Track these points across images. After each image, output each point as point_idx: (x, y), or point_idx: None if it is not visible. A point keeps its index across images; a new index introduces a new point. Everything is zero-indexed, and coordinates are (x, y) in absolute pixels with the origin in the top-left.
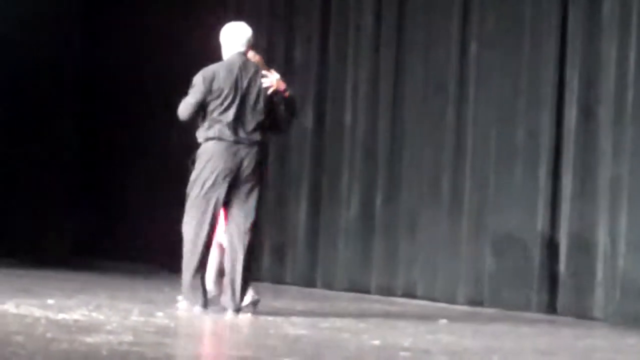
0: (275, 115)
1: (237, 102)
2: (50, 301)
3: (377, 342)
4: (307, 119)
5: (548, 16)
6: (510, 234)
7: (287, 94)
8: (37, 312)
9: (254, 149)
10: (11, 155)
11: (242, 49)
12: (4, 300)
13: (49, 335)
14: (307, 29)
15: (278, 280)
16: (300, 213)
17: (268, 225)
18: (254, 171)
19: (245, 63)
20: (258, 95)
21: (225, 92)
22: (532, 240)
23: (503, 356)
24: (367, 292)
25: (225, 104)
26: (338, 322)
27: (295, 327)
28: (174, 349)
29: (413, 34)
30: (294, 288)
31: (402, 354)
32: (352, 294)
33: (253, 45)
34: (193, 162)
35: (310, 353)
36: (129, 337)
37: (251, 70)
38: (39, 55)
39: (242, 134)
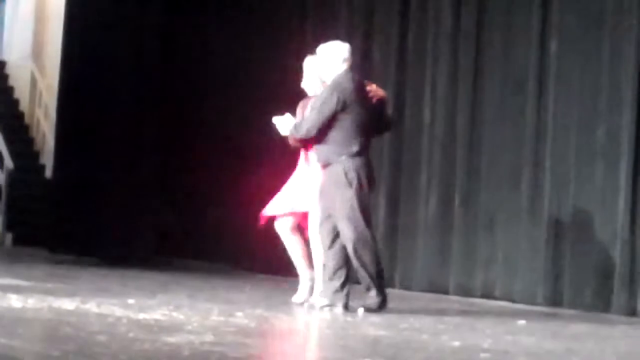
0: None
1: None
2: (130, 301)
3: (456, 343)
4: None
5: (629, 13)
6: (590, 234)
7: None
8: (119, 312)
9: None
10: (93, 155)
11: (348, 65)
12: (86, 299)
13: (131, 335)
14: (386, 29)
15: (356, 280)
16: (379, 212)
17: None
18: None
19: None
20: None
21: None
22: (612, 241)
23: (584, 358)
24: (446, 292)
25: None
26: (417, 322)
27: (375, 327)
28: (255, 349)
29: (492, 32)
30: None
31: (482, 355)
32: (430, 295)
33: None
34: None
35: (389, 354)
36: (210, 337)
37: None
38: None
39: None
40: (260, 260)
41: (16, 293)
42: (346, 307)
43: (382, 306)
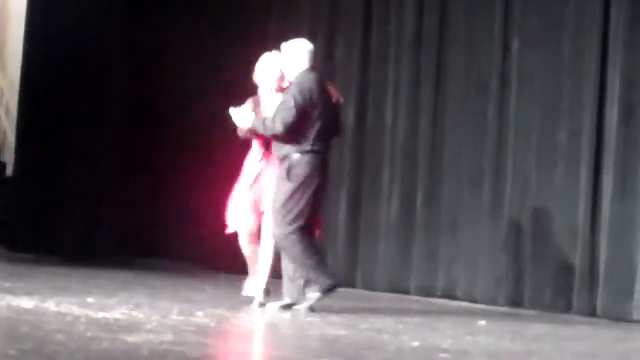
0: None
1: None
2: (90, 300)
3: (416, 344)
4: None
5: (590, 15)
6: (551, 235)
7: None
8: (78, 311)
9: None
10: (55, 154)
11: (311, 64)
12: (45, 298)
13: (89, 334)
14: (349, 31)
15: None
16: (341, 213)
17: None
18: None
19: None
20: None
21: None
22: (573, 242)
23: (543, 359)
24: (407, 292)
25: None
26: (378, 323)
27: (335, 327)
28: (215, 349)
29: (454, 33)
30: None
31: (442, 355)
32: (392, 295)
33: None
34: None
35: (349, 354)
36: (169, 337)
37: None
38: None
39: None
40: (224, 259)
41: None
42: (311, 307)
43: (332, 288)
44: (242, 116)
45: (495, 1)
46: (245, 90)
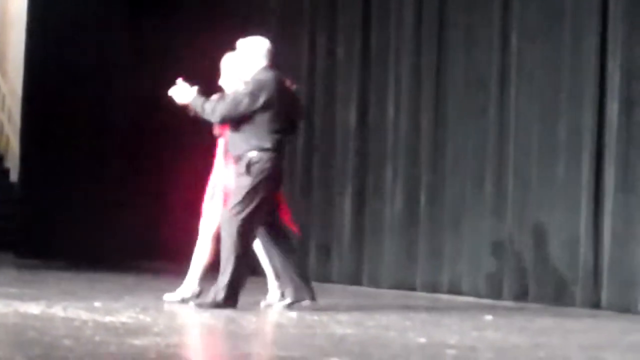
0: None
1: None
2: (97, 304)
3: (423, 340)
4: None
5: (589, 9)
6: (554, 229)
7: None
8: (85, 315)
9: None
10: (59, 159)
11: (268, 62)
12: (52, 303)
13: (97, 338)
14: (349, 27)
15: (324, 278)
16: (345, 211)
17: (313, 223)
18: None
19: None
20: None
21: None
22: (576, 235)
23: (550, 352)
24: (413, 289)
25: None
26: (384, 320)
27: (342, 325)
28: (222, 349)
29: (454, 30)
30: (340, 286)
31: (448, 351)
32: (397, 292)
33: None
34: None
35: (356, 352)
36: (176, 339)
37: None
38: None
39: None
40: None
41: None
42: (313, 298)
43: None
44: (182, 91)
45: None
46: None
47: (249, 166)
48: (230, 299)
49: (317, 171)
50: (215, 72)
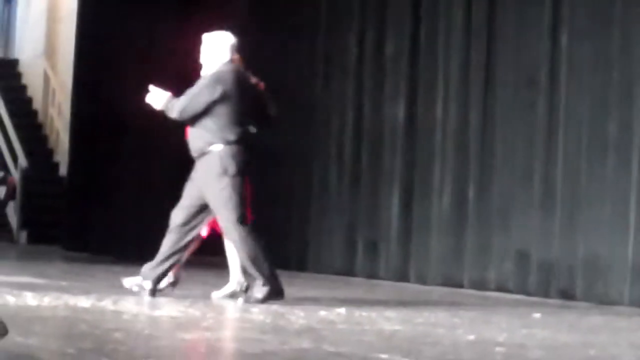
0: None
1: None
2: (147, 298)
3: (472, 337)
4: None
5: (638, 6)
6: (603, 226)
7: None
8: (135, 309)
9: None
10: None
11: (231, 57)
12: (102, 297)
13: (147, 332)
14: (398, 24)
15: (371, 275)
16: (393, 208)
17: (361, 220)
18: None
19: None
20: None
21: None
22: (625, 232)
23: (600, 350)
24: (460, 286)
25: None
26: (432, 317)
27: (390, 322)
28: (272, 344)
29: (503, 26)
30: (387, 283)
31: (498, 349)
32: (445, 289)
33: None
34: None
35: (405, 348)
36: (226, 333)
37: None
38: None
39: None
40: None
41: (32, 291)
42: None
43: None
44: (156, 97)
45: None
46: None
47: (220, 161)
48: (274, 292)
49: (365, 167)
50: (263, 63)
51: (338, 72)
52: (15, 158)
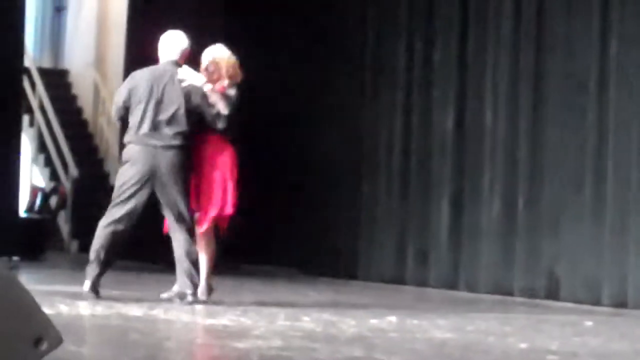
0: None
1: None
2: (198, 307)
3: (523, 345)
4: None
5: None
6: None
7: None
8: (186, 318)
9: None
10: None
11: (175, 57)
12: (154, 306)
13: (199, 340)
14: (446, 31)
15: (421, 283)
16: (442, 216)
17: (411, 228)
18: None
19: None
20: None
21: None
22: None
23: None
24: (510, 294)
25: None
26: (483, 325)
27: (441, 330)
28: (323, 353)
29: (552, 33)
30: (437, 291)
31: (550, 357)
32: (495, 297)
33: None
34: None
35: (457, 357)
36: (277, 342)
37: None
38: None
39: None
40: (324, 264)
41: (84, 300)
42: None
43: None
44: (191, 75)
45: (592, 1)
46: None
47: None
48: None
49: (414, 175)
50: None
51: (386, 82)
52: (66, 168)
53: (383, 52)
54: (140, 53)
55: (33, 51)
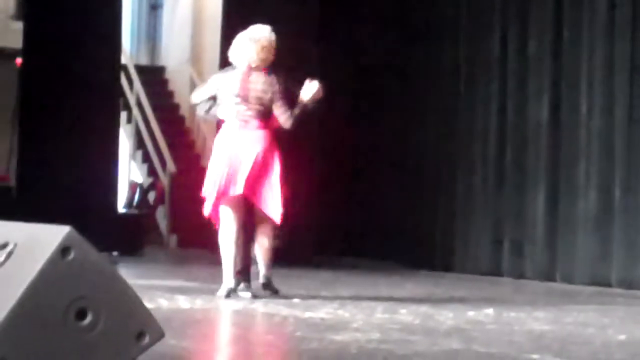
0: None
1: None
2: (296, 300)
3: (622, 337)
4: None
5: None
6: None
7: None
8: (285, 311)
9: None
10: None
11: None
12: (252, 299)
13: (298, 334)
14: (541, 21)
15: (518, 275)
16: (538, 207)
17: (507, 220)
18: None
19: None
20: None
21: None
22: None
23: None
24: (608, 285)
25: None
26: (581, 316)
27: (539, 322)
28: (422, 345)
29: None
30: (534, 283)
31: None
32: (592, 288)
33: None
34: None
35: (556, 349)
36: (376, 335)
37: None
38: None
39: None
40: (422, 256)
41: (183, 294)
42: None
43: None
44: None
45: None
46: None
47: None
48: None
49: (509, 167)
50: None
51: (481, 74)
52: (163, 163)
53: (477, 45)
54: None
55: (130, 49)
